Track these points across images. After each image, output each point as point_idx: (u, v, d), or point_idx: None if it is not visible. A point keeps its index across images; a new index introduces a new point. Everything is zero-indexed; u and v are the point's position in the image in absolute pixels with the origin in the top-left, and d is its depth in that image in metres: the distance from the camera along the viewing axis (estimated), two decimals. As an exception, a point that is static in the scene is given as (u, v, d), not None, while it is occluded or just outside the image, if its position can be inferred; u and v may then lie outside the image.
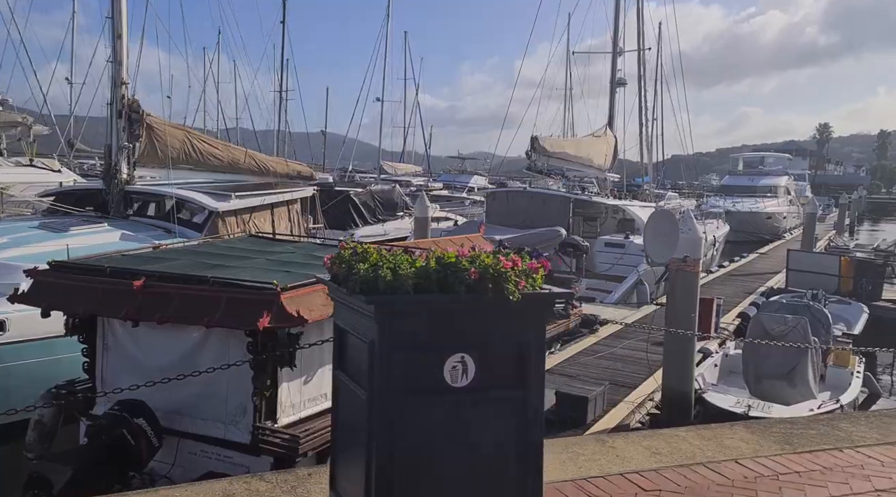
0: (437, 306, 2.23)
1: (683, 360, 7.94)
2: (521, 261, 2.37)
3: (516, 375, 2.34)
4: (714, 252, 22.72)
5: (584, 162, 21.62)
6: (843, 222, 39.72)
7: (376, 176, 54.14)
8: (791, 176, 49.11)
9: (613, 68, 23.88)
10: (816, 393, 9.28)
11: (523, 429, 2.35)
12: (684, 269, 7.86)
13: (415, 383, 2.26)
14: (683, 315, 7.91)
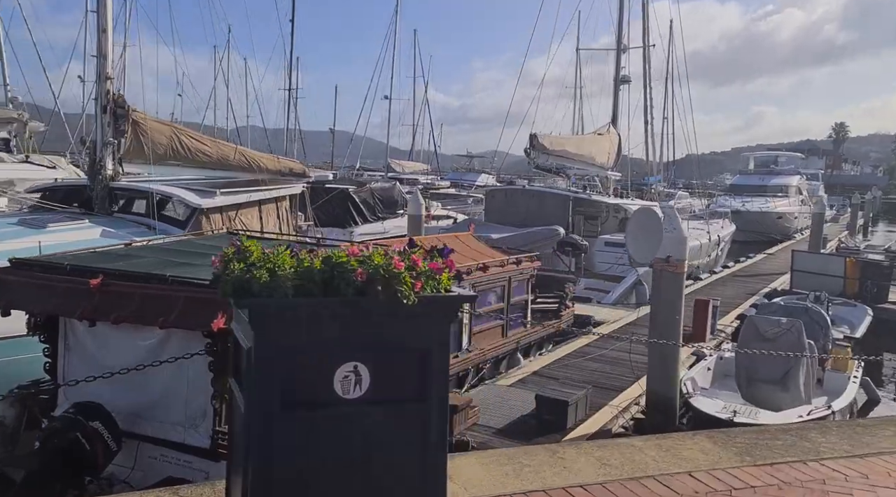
0: (321, 310, 2.02)
1: (667, 365, 7.73)
2: (421, 261, 2.19)
3: (417, 386, 2.16)
4: (718, 252, 22.42)
5: (586, 160, 21.38)
6: (856, 223, 39.17)
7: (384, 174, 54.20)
8: (803, 175, 48.48)
9: (617, 65, 23.63)
10: (811, 398, 9.05)
11: (424, 442, 2.17)
12: (668, 269, 7.65)
13: (300, 395, 2.07)
14: (668, 317, 7.69)
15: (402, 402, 2.15)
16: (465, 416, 7.04)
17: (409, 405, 2.15)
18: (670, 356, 7.70)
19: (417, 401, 2.15)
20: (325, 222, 20.86)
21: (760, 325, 9.67)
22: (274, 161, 13.23)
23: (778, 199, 41.23)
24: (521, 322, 10.79)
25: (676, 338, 7.74)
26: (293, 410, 2.01)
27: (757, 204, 39.75)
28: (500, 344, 9.89)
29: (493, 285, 9.97)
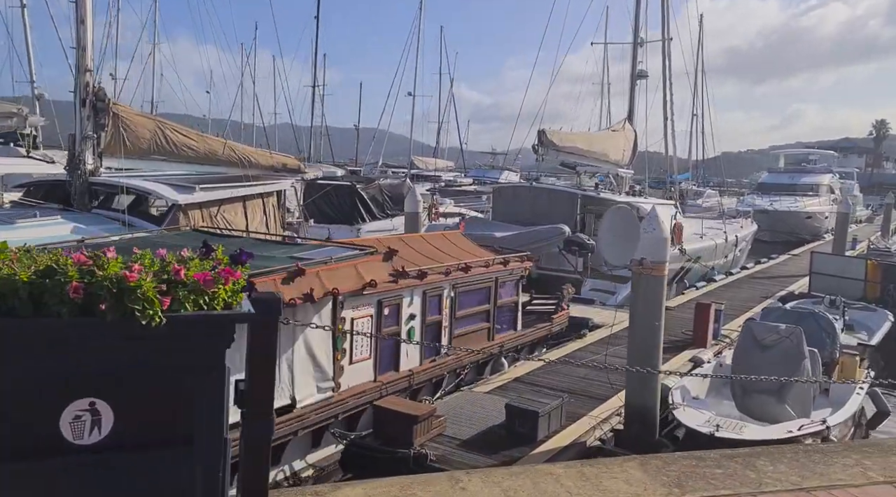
0: (29, 333, 1.65)
1: (647, 374, 7.23)
2: (184, 270, 1.78)
3: (177, 425, 1.77)
4: (737, 253, 21.64)
5: (599, 157, 20.75)
6: (889, 224, 37.75)
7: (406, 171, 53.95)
8: (836, 174, 47.06)
9: (634, 60, 22.90)
10: (811, 410, 8.48)
11: (189, 493, 1.78)
12: (647, 273, 7.15)
13: (12, 442, 1.66)
14: (647, 323, 7.20)
15: (158, 447, 1.75)
16: (427, 426, 6.65)
17: (166, 450, 1.75)
18: (650, 365, 7.20)
19: (180, 442, 1.75)
20: (332, 219, 20.63)
21: (758, 331, 9.12)
22: (266, 156, 12.96)
23: (808, 199, 40.04)
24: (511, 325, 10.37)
25: (656, 345, 7.24)
26: (5, 463, 1.61)
27: (785, 203, 38.66)
28: (483, 347, 9.46)
29: (476, 286, 9.55)
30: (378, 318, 7.57)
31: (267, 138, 69.54)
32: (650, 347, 7.21)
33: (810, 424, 7.52)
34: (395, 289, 7.72)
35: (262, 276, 5.63)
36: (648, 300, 7.20)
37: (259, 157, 12.63)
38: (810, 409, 8.47)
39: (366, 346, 7.43)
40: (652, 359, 7.19)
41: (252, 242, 7.74)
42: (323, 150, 76.92)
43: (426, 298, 8.43)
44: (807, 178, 43.01)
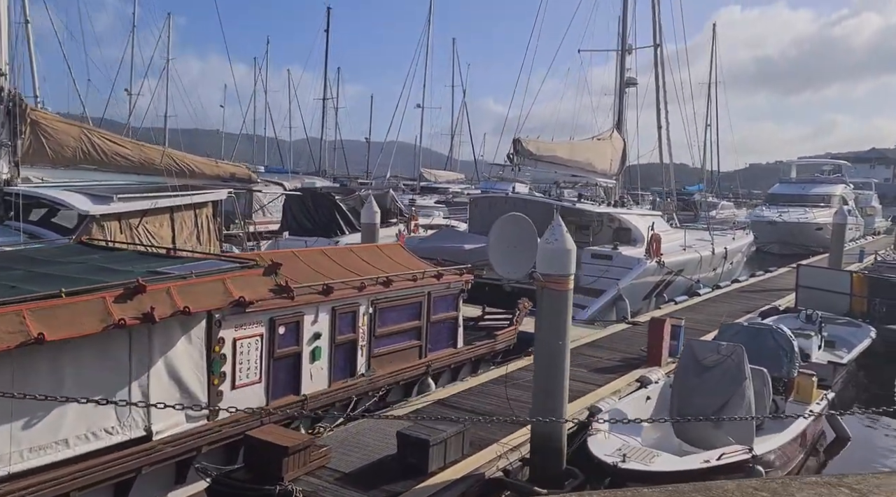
0: None
1: (553, 398, 6.57)
2: None
3: None
4: (729, 266, 20.78)
5: (583, 166, 20.07)
6: (902, 233, 36.50)
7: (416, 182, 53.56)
8: (849, 184, 45.78)
9: (621, 67, 22.24)
10: (752, 435, 7.75)
11: None
12: (549, 287, 6.50)
13: None
14: (550, 343, 6.55)
15: None
16: (303, 458, 6.03)
17: None
18: (555, 389, 6.54)
19: None
20: (310, 231, 20.16)
21: (699, 350, 8.42)
22: (212, 166, 12.51)
23: (819, 210, 38.87)
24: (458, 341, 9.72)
25: (560, 367, 6.57)
26: None
27: (795, 214, 37.56)
28: (406, 367, 8.84)
29: (403, 301, 8.94)
30: (271, 337, 7.00)
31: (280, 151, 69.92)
32: (554, 369, 6.55)
33: (733, 453, 6.80)
34: (291, 306, 7.14)
35: (87, 295, 5.09)
36: (551, 317, 6.55)
37: (203, 167, 12.19)
38: (752, 435, 7.74)
39: (254, 369, 6.85)
40: (556, 381, 6.54)
41: (131, 256, 7.21)
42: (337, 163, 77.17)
43: (336, 315, 7.84)
44: (818, 189, 41.82)
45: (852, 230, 42.24)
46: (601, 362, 10.73)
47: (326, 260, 8.74)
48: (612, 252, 16.64)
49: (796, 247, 34.90)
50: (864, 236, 44.39)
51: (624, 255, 16.40)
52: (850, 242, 39.56)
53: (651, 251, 16.29)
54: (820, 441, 9.29)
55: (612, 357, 11.07)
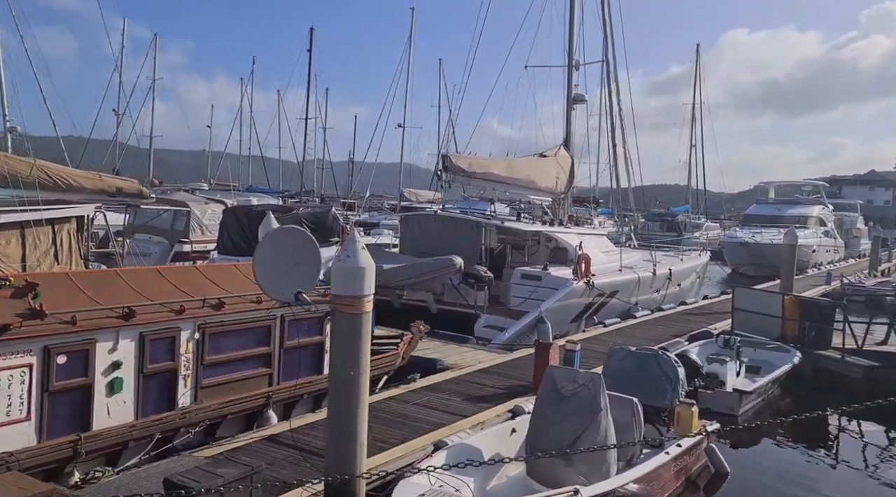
0: None
1: (345, 441, 5.72)
2: None
3: None
4: (674, 288, 19.91)
5: (525, 184, 19.32)
6: (876, 257, 35.60)
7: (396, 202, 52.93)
8: (828, 206, 44.98)
9: (569, 83, 21.58)
10: (610, 471, 6.91)
11: None
12: (342, 309, 5.69)
13: None
14: (344, 373, 5.72)
15: None
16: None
17: None
18: (348, 428, 5.69)
19: None
20: (244, 251, 19.37)
21: (559, 378, 7.58)
22: (94, 179, 11.71)
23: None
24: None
25: (356, 401, 5.72)
26: None
27: (768, 235, 36.65)
28: (238, 399, 7.97)
29: (244, 325, 8.12)
30: (44, 368, 6.18)
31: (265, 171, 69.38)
32: (347, 404, 5.70)
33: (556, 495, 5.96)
34: (75, 331, 6.34)
35: None
36: (344, 344, 5.72)
37: (83, 181, 11.39)
38: (610, 471, 6.92)
39: (17, 405, 6.03)
40: (349, 418, 5.69)
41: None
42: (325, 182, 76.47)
43: (144, 342, 7.03)
44: (794, 210, 41.03)
45: (829, 252, 41.45)
46: (483, 390, 9.86)
47: (158, 280, 7.94)
48: (541, 273, 15.83)
49: (769, 268, 33.97)
50: (846, 259, 43.44)
51: (553, 276, 15.58)
52: (829, 265, 38.84)
53: (579, 272, 15.47)
54: (702, 475, 8.41)
55: (500, 384, 10.21)
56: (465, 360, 11.64)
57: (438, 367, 11.07)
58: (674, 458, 7.61)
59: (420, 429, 8.09)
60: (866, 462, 9.79)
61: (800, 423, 11.13)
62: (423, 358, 11.41)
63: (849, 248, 47.78)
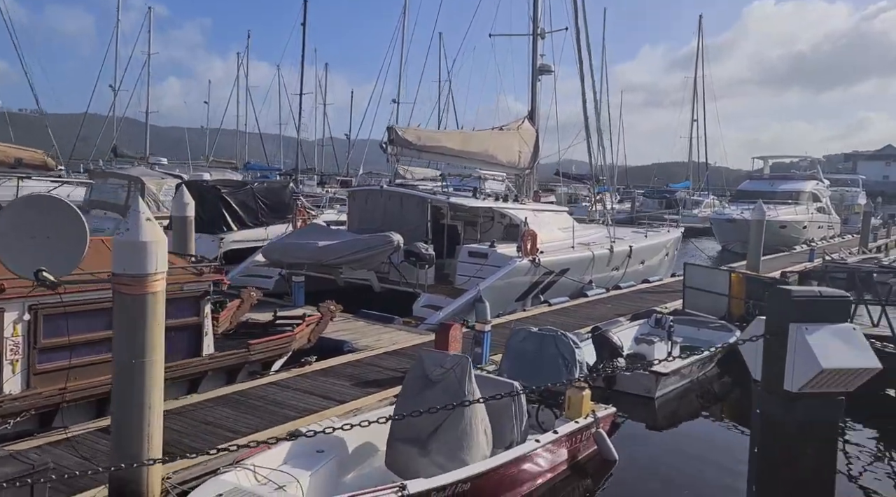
0: None
1: (129, 434, 4.99)
2: None
3: None
4: (637, 266, 18.99)
5: (483, 158, 18.42)
6: (867, 234, 34.37)
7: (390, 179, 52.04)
8: (823, 181, 43.61)
9: (534, 52, 20.52)
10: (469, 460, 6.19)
11: None
12: (123, 290, 4.93)
13: None
14: (124, 361, 4.97)
15: None
16: None
17: None
18: (131, 422, 4.96)
19: None
20: (195, 227, 18.67)
21: (428, 363, 6.84)
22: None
23: (785, 207, 36.85)
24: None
25: (140, 393, 4.98)
26: None
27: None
28: (86, 386, 7.28)
29: (87, 307, 7.37)
30: None
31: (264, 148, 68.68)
32: (128, 393, 4.96)
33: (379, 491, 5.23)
34: None
35: None
36: (126, 329, 4.96)
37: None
38: (474, 460, 6.20)
39: None
40: (133, 409, 4.95)
41: None
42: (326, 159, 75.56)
43: (-44, 323, 6.32)
44: (786, 186, 39.74)
45: (823, 229, 40.19)
46: (382, 374, 9.11)
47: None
48: (487, 250, 15.01)
49: (757, 245, 32.69)
50: (842, 235, 42.16)
51: (498, 254, 14.76)
52: (821, 241, 37.68)
53: (524, 249, 14.63)
54: (592, 461, 7.67)
55: (404, 367, 9.42)
56: (380, 341, 10.88)
57: (346, 349, 10.32)
58: (548, 444, 6.87)
59: (283, 417, 7.37)
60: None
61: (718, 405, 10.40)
62: (333, 339, 10.67)
63: (849, 224, 46.42)
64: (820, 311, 4.48)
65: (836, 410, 4.49)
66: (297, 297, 13.50)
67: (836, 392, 4.39)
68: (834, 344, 4.30)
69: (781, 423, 4.40)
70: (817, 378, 4.27)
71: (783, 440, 4.37)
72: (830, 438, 4.52)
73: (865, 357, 4.38)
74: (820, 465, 4.32)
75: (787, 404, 4.40)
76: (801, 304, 4.50)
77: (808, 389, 4.34)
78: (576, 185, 54.29)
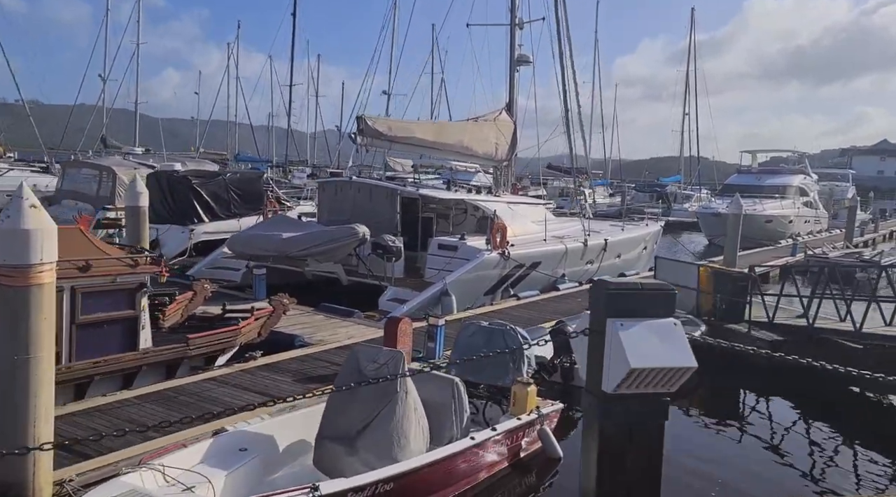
0: None
1: (14, 428, 4.66)
2: None
3: None
4: (613, 259, 18.67)
5: (458, 150, 18.09)
6: (852, 229, 34.15)
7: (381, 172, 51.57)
8: (811, 175, 43.32)
9: (512, 43, 20.14)
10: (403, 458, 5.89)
11: None
12: (2, 282, 4.59)
13: None
14: (5, 359, 4.63)
15: None
16: None
17: None
18: (16, 424, 4.63)
19: None
20: (165, 218, 18.31)
21: (363, 357, 6.54)
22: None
23: (771, 201, 36.57)
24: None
25: (23, 392, 4.65)
26: None
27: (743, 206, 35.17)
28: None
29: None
30: None
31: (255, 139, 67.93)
32: (10, 392, 4.63)
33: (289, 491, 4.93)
34: None
35: None
36: (8, 324, 4.62)
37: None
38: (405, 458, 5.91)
39: None
40: (16, 409, 4.62)
41: None
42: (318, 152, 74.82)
43: None
44: (773, 180, 39.44)
45: (809, 223, 39.93)
46: (329, 369, 8.75)
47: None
48: (457, 242, 14.67)
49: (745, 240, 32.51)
50: (829, 230, 41.85)
51: (468, 246, 14.42)
52: (808, 236, 37.44)
53: (493, 242, 14.30)
54: (537, 459, 7.38)
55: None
56: (335, 336, 10.55)
57: (297, 344, 9.99)
58: (485, 441, 6.56)
59: (212, 414, 7.01)
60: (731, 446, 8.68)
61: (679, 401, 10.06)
62: (285, 333, 10.33)
63: (838, 219, 46.16)
64: (639, 304, 4.07)
65: (656, 413, 4.09)
66: (258, 289, 13.16)
67: (658, 393, 4.00)
68: (649, 341, 3.93)
69: (601, 427, 4.03)
70: (629, 378, 3.89)
71: (605, 445, 4.00)
72: (653, 442, 4.11)
73: (680, 355, 4.00)
74: (644, 470, 3.94)
75: (603, 407, 4.03)
76: (617, 298, 4.11)
77: (624, 390, 3.96)
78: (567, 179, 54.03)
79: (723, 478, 7.41)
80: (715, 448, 8.54)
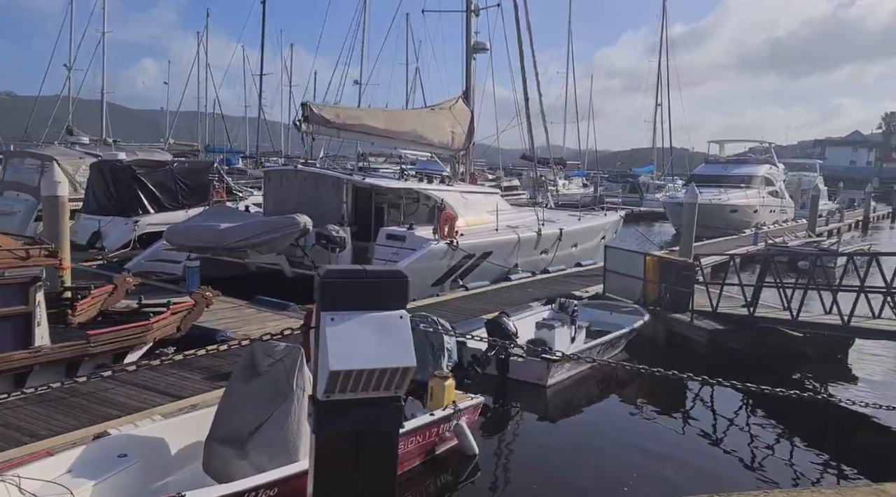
0: None
1: None
2: None
3: None
4: (570, 249, 18.25)
5: (409, 138, 17.53)
6: (815, 218, 34.14)
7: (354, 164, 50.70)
8: (777, 165, 43.33)
9: (468, 30, 19.61)
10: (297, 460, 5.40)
11: None
12: None
13: None
14: None
15: None
16: None
17: None
18: None
19: None
20: (108, 209, 17.55)
21: (257, 353, 6.04)
22: None
23: (737, 191, 36.47)
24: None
25: None
26: None
27: (708, 195, 34.99)
28: None
29: None
30: None
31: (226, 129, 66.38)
32: None
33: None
34: None
35: None
36: None
37: None
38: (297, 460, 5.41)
39: None
40: None
41: None
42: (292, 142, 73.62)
43: None
44: (739, 170, 39.36)
45: (775, 213, 39.94)
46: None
47: None
48: (405, 233, 14.13)
49: (710, 229, 32.26)
50: (796, 219, 41.90)
51: (416, 236, 13.89)
52: (773, 225, 37.47)
53: (440, 231, 13.80)
54: (453, 455, 6.92)
55: (270, 359, 8.58)
56: (263, 330, 9.93)
57: (218, 339, 9.39)
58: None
59: (100, 416, 6.47)
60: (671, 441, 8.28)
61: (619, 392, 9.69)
62: (207, 328, 9.76)
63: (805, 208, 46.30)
64: (360, 293, 3.40)
65: (384, 419, 3.46)
66: (191, 282, 12.53)
67: (385, 397, 3.43)
68: (362, 338, 3.33)
69: (317, 439, 3.50)
70: (333, 382, 3.31)
71: (321, 460, 3.46)
72: (382, 453, 3.53)
73: (398, 354, 3.40)
74: (370, 482, 3.40)
75: (317, 417, 3.46)
76: (333, 287, 3.43)
77: (337, 396, 3.38)
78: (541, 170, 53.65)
79: (651, 467, 7.01)
80: (652, 437, 8.14)
